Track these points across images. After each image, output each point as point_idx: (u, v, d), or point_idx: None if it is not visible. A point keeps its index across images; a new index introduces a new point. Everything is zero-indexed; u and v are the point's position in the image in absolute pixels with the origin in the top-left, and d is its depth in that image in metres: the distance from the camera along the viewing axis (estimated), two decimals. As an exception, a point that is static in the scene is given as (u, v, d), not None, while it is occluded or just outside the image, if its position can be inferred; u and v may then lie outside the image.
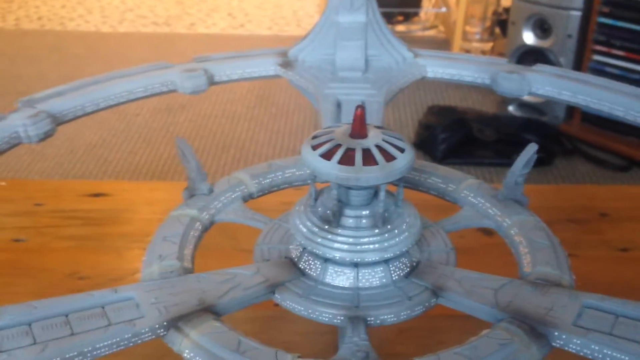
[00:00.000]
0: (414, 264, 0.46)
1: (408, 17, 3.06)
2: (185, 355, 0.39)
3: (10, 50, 3.06)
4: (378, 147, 0.42)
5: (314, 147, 0.43)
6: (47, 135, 0.59)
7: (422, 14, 3.24)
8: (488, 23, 2.87)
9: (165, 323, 0.40)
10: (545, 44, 2.26)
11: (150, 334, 0.40)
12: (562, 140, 2.17)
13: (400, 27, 2.88)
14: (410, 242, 0.44)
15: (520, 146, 0.51)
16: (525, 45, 2.32)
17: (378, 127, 0.44)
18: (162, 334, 0.40)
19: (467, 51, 2.66)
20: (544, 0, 2.22)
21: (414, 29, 2.92)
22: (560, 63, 2.20)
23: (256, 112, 2.47)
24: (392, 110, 2.44)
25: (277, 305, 0.44)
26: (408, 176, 0.56)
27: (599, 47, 2.13)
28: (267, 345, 0.39)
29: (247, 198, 0.55)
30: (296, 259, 0.46)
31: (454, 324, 0.46)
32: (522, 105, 2.38)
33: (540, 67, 0.68)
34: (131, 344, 0.39)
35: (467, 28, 2.84)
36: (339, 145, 0.42)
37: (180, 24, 3.43)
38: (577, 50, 2.18)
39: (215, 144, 2.25)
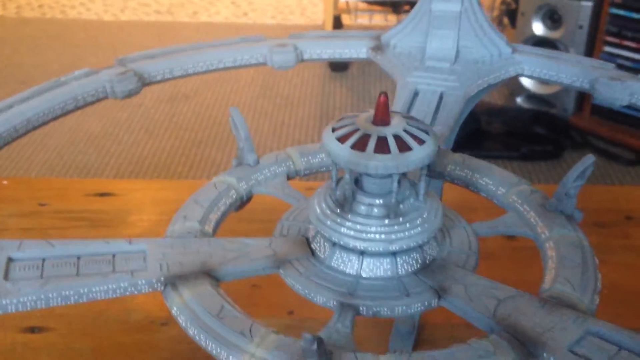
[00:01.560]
0: (427, 261, 0.44)
1: (414, 6, 2.88)
2: (173, 312, 0.41)
3: (11, 38, 3.03)
4: (396, 136, 0.41)
5: (335, 129, 0.43)
6: (131, 93, 0.63)
7: (430, 3, 3.06)
8: (496, 13, 2.70)
9: (162, 279, 0.42)
10: (555, 35, 2.19)
11: (147, 286, 0.42)
12: (571, 133, 2.11)
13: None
14: (422, 238, 0.43)
15: (530, 139, 0.47)
16: (534, 36, 2.26)
17: (406, 117, 0.43)
18: (159, 288, 0.42)
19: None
20: (555, -10, 2.16)
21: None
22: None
23: (260, 103, 2.41)
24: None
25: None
26: (461, 174, 0.54)
27: (610, 39, 2.07)
28: (247, 316, 0.40)
29: (293, 175, 0.55)
30: (310, 239, 0.46)
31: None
32: (531, 97, 2.29)
33: (647, 76, 0.63)
34: (127, 293, 0.42)
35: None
36: (356, 130, 0.42)
37: (182, 12, 3.36)
38: (587, 42, 2.13)
39: (219, 134, 2.19)
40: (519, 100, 2.34)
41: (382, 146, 0.41)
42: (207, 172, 1.99)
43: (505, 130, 2.03)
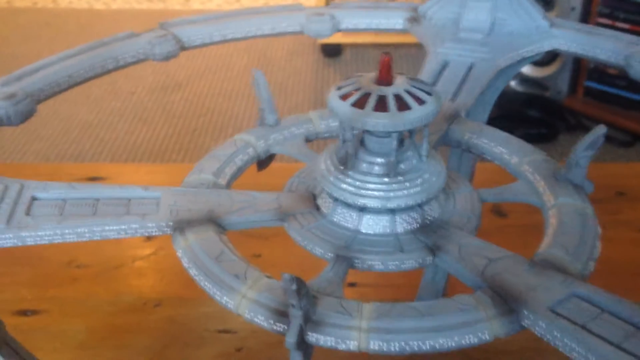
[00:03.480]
0: (427, 221, 0.45)
1: (407, -12, 2.82)
2: (178, 254, 0.43)
3: (3, 28, 2.99)
4: (396, 95, 0.42)
5: (340, 88, 0.44)
6: (169, 56, 0.66)
7: (423, -15, 2.98)
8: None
9: (171, 223, 0.44)
10: (548, 16, 2.14)
11: (156, 229, 0.44)
12: (565, 115, 2.10)
13: (400, -1, 2.68)
14: (420, 197, 0.44)
15: (524, 122, 0.48)
16: (528, 17, 2.25)
17: (411, 78, 0.44)
18: (167, 232, 0.44)
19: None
20: (548, -29, 2.11)
21: (415, 0, 2.69)
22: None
23: (253, 90, 2.34)
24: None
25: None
26: (477, 142, 0.54)
27: (603, 20, 2.06)
28: (245, 260, 0.42)
29: (313, 137, 0.57)
30: (317, 195, 0.48)
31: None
32: (525, 80, 2.24)
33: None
34: (138, 234, 0.44)
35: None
36: (359, 89, 0.43)
37: (174, 0, 3.29)
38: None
39: (212, 122, 2.16)
40: (512, 83, 2.32)
41: (381, 105, 0.42)
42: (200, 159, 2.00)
43: (499, 113, 2.04)
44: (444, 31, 0.69)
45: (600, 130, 0.47)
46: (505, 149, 0.53)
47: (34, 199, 0.45)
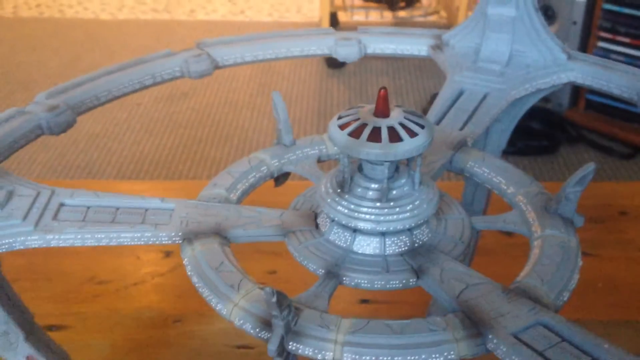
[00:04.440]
0: (416, 245, 0.49)
1: (410, 3, 2.87)
2: (184, 262, 0.48)
3: (9, 38, 3.01)
4: (390, 127, 0.46)
5: (340, 117, 0.48)
6: (204, 74, 0.71)
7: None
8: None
9: (180, 234, 0.49)
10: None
11: (166, 238, 0.49)
12: (566, 127, 2.10)
13: (402, 13, 2.72)
14: (409, 223, 0.47)
15: (525, 134, 0.50)
16: (529, 32, 2.25)
17: (407, 111, 0.47)
18: (177, 241, 0.49)
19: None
20: (549, -14, 2.14)
21: (416, 14, 2.75)
22: (564, 50, 2.12)
23: (259, 101, 2.37)
24: (395, 98, 2.27)
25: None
26: (478, 171, 0.57)
27: (604, 34, 2.09)
28: (242, 272, 0.46)
29: (325, 158, 0.61)
30: (318, 214, 0.51)
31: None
32: None
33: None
34: (150, 242, 0.49)
35: (470, 13, 2.57)
36: (357, 120, 0.47)
37: (179, 10, 3.32)
38: (582, 37, 2.13)
39: (218, 133, 2.17)
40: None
41: (375, 135, 0.45)
42: (207, 170, 2.01)
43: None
44: (465, 60, 0.71)
45: (590, 167, 0.50)
46: (503, 178, 0.56)
47: (61, 204, 0.50)
